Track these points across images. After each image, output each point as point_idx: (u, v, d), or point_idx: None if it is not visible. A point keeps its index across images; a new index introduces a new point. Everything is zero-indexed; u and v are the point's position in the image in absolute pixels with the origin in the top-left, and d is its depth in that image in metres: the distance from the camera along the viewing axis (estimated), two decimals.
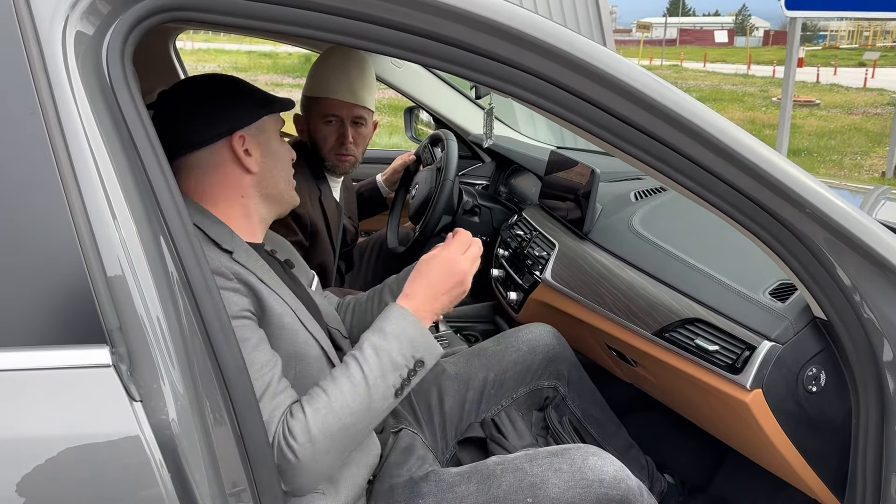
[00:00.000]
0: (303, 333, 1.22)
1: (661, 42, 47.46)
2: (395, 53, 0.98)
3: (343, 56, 2.00)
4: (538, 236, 2.06)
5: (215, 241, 1.18)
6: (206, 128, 1.21)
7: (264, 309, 1.17)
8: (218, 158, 1.22)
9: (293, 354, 1.20)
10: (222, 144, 1.22)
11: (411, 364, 1.14)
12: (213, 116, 1.22)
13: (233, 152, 1.22)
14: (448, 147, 2.27)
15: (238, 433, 0.93)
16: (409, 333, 1.15)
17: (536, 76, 0.99)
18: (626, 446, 1.74)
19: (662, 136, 1.03)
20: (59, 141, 0.83)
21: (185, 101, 1.24)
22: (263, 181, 1.27)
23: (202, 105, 1.22)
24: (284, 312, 1.20)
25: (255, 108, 1.26)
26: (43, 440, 0.80)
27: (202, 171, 1.22)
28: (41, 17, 0.84)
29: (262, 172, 1.26)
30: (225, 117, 1.22)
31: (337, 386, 1.11)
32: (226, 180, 1.23)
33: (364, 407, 1.11)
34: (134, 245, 0.84)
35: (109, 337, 0.82)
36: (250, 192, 1.26)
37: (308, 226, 1.98)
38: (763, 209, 1.08)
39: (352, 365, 1.13)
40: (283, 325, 1.19)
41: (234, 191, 1.24)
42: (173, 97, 1.25)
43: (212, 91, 1.24)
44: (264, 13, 0.92)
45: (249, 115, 1.24)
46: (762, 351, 1.29)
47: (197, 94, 1.24)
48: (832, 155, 10.19)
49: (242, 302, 1.13)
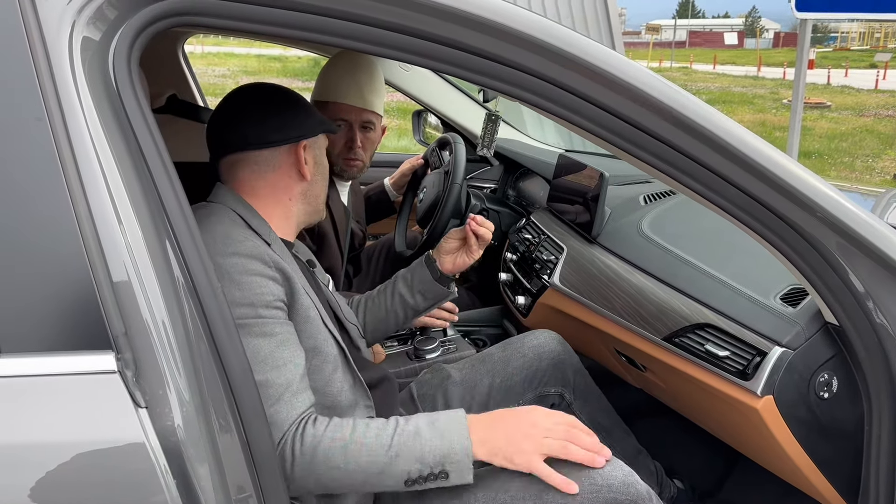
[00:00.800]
0: (324, 331, 1.27)
1: (671, 44, 47.36)
2: (403, 58, 0.97)
3: (352, 60, 2.00)
4: (546, 240, 2.06)
5: (256, 230, 1.26)
6: (277, 131, 1.31)
7: (294, 300, 1.24)
8: (279, 160, 1.32)
9: (312, 348, 1.25)
10: (288, 149, 1.32)
11: (436, 469, 1.12)
12: (287, 122, 1.32)
13: (295, 157, 1.33)
14: (456, 150, 2.27)
15: (244, 439, 0.93)
16: (454, 442, 1.13)
17: (543, 79, 0.99)
18: (635, 452, 1.73)
19: (671, 140, 1.02)
20: (66, 146, 0.83)
21: (256, 102, 1.33)
22: (310, 190, 1.37)
23: (274, 109, 1.33)
24: (310, 306, 1.26)
25: (317, 123, 1.37)
26: (49, 446, 0.80)
27: (260, 169, 1.31)
28: (48, 23, 0.84)
29: (312, 182, 1.36)
30: (295, 125, 1.33)
31: (365, 432, 1.13)
32: (280, 181, 1.33)
33: (373, 467, 1.12)
34: (140, 250, 0.84)
35: (115, 343, 0.82)
36: (297, 197, 1.36)
37: (315, 229, 1.98)
38: (774, 213, 1.07)
39: (390, 426, 1.15)
40: (309, 318, 1.25)
41: (284, 193, 1.34)
42: (243, 96, 1.35)
43: (282, 100, 1.35)
44: (270, 17, 0.92)
45: (313, 129, 1.36)
46: (773, 356, 1.28)
47: (269, 99, 1.34)
48: (843, 157, 10.14)
49: (278, 291, 1.20)
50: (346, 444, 1.12)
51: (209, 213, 1.26)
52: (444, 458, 1.12)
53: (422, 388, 1.64)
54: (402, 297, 1.63)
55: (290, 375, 1.15)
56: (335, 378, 1.27)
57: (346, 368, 1.30)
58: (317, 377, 1.25)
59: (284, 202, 1.34)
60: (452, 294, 1.66)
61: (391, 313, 1.64)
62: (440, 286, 1.62)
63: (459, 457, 1.12)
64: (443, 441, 1.13)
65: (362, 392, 1.32)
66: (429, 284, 1.62)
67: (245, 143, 1.30)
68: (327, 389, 1.26)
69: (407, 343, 2.04)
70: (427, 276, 1.62)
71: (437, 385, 1.62)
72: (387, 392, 1.43)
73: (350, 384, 1.30)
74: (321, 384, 1.26)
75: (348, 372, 1.31)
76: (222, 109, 1.34)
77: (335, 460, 1.11)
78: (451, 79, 2.76)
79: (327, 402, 1.26)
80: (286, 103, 1.34)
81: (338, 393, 1.27)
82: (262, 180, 1.31)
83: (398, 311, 1.64)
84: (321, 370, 1.26)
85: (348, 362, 1.31)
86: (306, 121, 1.35)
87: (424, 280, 1.62)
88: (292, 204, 1.35)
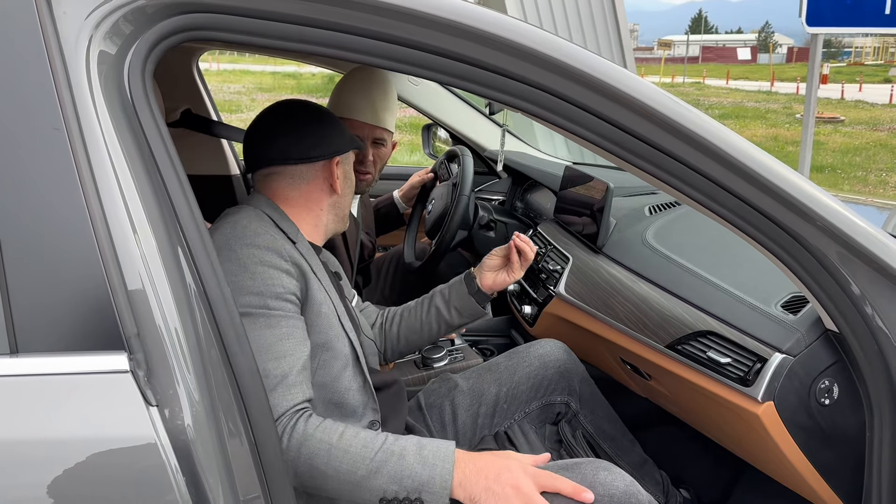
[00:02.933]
0: (337, 328, 1.31)
1: (683, 59, 47.33)
2: (413, 71, 0.99)
3: (366, 78, 2.04)
4: (553, 250, 2.08)
5: (284, 230, 1.32)
6: (315, 147, 1.39)
7: (308, 295, 1.28)
8: (313, 174, 1.40)
9: (322, 343, 1.29)
10: (323, 164, 1.40)
11: (412, 496, 1.12)
12: (324, 139, 1.40)
13: (329, 172, 1.41)
14: (464, 163, 2.30)
15: (252, 440, 0.95)
16: (435, 474, 1.13)
17: (551, 93, 1.00)
18: (641, 461, 1.74)
19: (674, 152, 1.04)
20: (82, 156, 0.86)
21: (294, 119, 1.41)
22: (339, 202, 1.46)
23: (311, 127, 1.40)
24: (325, 302, 1.30)
25: (350, 140, 1.46)
26: (64, 442, 0.82)
27: (296, 181, 1.39)
28: (66, 37, 0.88)
29: (342, 195, 1.45)
30: (331, 142, 1.41)
31: (352, 441, 1.15)
32: (313, 193, 1.41)
33: (351, 476, 1.13)
34: (153, 256, 0.87)
35: (127, 343, 0.84)
36: (327, 208, 1.44)
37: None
38: (775, 223, 1.08)
39: (378, 440, 1.15)
40: (321, 313, 1.29)
41: (316, 204, 1.42)
42: (281, 112, 1.42)
43: (319, 118, 1.42)
44: (282, 32, 0.95)
45: (346, 146, 1.45)
46: (774, 363, 1.29)
47: (306, 117, 1.42)
48: (857, 171, 10.09)
49: (289, 284, 1.24)
50: (332, 447, 1.13)
51: (239, 210, 1.32)
52: (421, 487, 1.12)
53: (429, 396, 1.65)
54: (437, 310, 1.65)
55: (288, 367, 1.17)
56: (344, 375, 1.29)
57: (357, 369, 1.33)
58: (324, 372, 1.28)
59: (316, 212, 1.42)
60: (486, 315, 1.66)
61: (426, 325, 1.66)
62: (475, 304, 1.63)
63: (437, 489, 1.12)
64: (424, 469, 1.12)
65: (370, 396, 1.34)
66: (465, 300, 1.62)
67: (284, 158, 1.37)
68: (335, 385, 1.28)
69: (415, 352, 2.06)
70: (464, 292, 1.63)
71: (444, 394, 1.64)
72: (396, 397, 1.45)
73: (359, 385, 1.32)
74: (329, 379, 1.28)
75: (359, 373, 1.33)
76: (260, 124, 1.41)
77: (317, 461, 1.13)
78: (460, 92, 2.79)
79: (335, 398, 1.29)
80: (321, 121, 1.42)
81: (345, 391, 1.29)
82: (296, 191, 1.39)
83: (433, 324, 1.66)
84: (330, 366, 1.29)
85: (359, 363, 1.33)
86: (340, 138, 1.43)
87: (461, 295, 1.63)
88: (322, 214, 1.43)
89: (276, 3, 0.94)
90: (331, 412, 1.29)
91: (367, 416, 1.33)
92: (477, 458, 1.18)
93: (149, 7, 0.91)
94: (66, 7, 0.89)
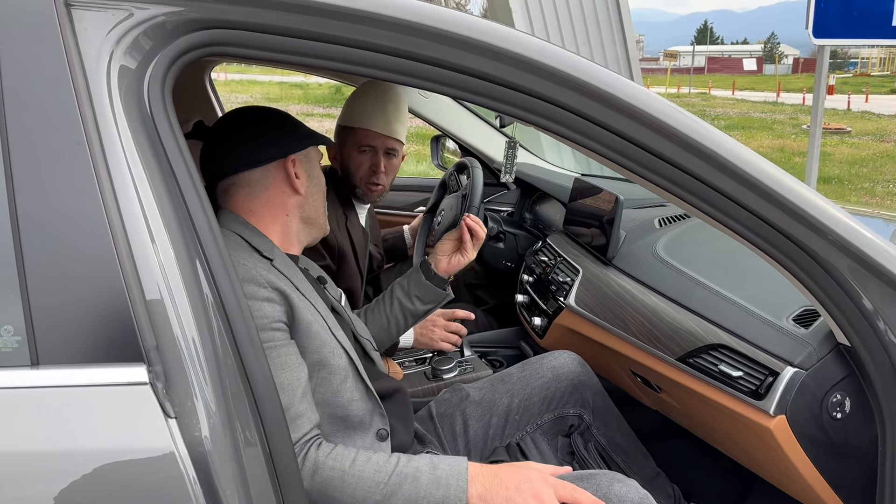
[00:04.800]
0: (330, 343, 1.28)
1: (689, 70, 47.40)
2: (424, 85, 1.01)
3: (380, 90, 2.07)
4: (562, 262, 2.08)
5: (257, 248, 1.28)
6: (263, 150, 1.33)
7: (295, 317, 1.25)
8: (270, 178, 1.34)
9: (317, 362, 1.26)
10: (276, 165, 1.34)
11: None
12: (270, 140, 1.34)
13: (285, 173, 1.34)
14: (473, 174, 2.30)
15: (267, 451, 0.95)
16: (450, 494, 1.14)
17: (560, 106, 1.01)
18: (653, 474, 1.74)
19: (685, 165, 1.05)
20: (103, 169, 0.87)
21: (242, 126, 1.36)
22: (306, 203, 1.38)
23: (260, 130, 1.35)
24: (314, 321, 1.26)
25: (304, 137, 1.38)
26: (83, 454, 0.83)
27: (253, 189, 1.33)
28: (88, 53, 0.89)
29: (307, 195, 1.38)
30: (280, 142, 1.35)
31: (365, 466, 1.15)
32: (274, 198, 1.34)
33: (367, 501, 1.13)
34: (172, 269, 0.88)
35: (147, 356, 0.85)
36: (294, 211, 1.37)
37: (336, 250, 2.03)
38: (785, 236, 1.09)
39: (391, 463, 1.16)
40: (311, 333, 1.26)
41: (280, 209, 1.35)
42: (230, 122, 1.37)
43: (266, 120, 1.37)
44: (297, 48, 0.96)
45: (300, 143, 1.37)
46: (785, 377, 1.29)
47: (254, 121, 1.37)
48: (864, 183, 10.06)
49: (275, 312, 1.21)
50: (344, 473, 1.14)
51: None
52: None
53: (441, 406, 1.65)
54: (400, 302, 1.68)
55: (289, 399, 1.16)
56: (344, 389, 1.28)
57: (357, 379, 1.31)
58: (324, 389, 1.27)
59: (282, 218, 1.35)
60: (448, 296, 1.70)
61: (392, 319, 1.69)
62: (435, 288, 1.66)
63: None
64: (438, 489, 1.13)
65: (375, 402, 1.33)
66: (424, 287, 1.67)
67: (235, 166, 1.32)
68: (336, 400, 1.27)
69: (424, 363, 2.06)
70: (421, 279, 1.67)
71: (455, 404, 1.64)
72: (400, 403, 1.45)
73: (361, 394, 1.31)
74: (329, 395, 1.27)
75: (359, 382, 1.31)
76: (211, 137, 1.36)
77: (330, 489, 1.13)
78: (469, 105, 2.81)
79: (338, 412, 1.28)
80: (269, 122, 1.36)
81: (348, 403, 1.28)
82: (257, 200, 1.33)
83: (398, 317, 1.68)
84: (328, 382, 1.27)
85: (358, 373, 1.31)
86: (292, 136, 1.36)
87: (419, 283, 1.67)
88: (290, 220, 1.37)
89: (293, 20, 0.95)
90: (336, 426, 1.28)
91: (375, 424, 1.32)
92: (497, 469, 1.18)
93: (169, 23, 0.93)
94: (88, 23, 0.90)
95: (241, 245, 1.27)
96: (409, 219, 3.05)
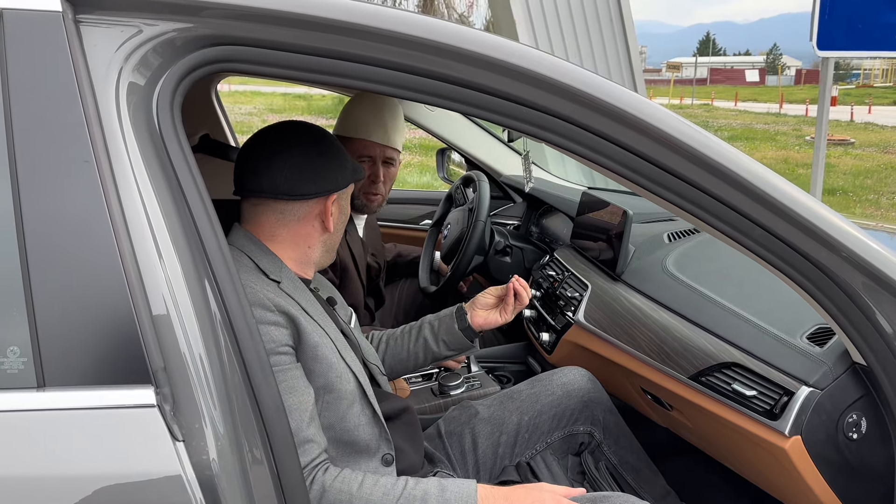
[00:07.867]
0: (338, 367, 1.26)
1: (692, 81, 47.50)
2: (430, 101, 1.00)
3: (376, 99, 2.05)
4: (570, 277, 2.06)
5: (264, 270, 1.24)
6: (310, 184, 1.26)
7: (302, 340, 1.22)
8: (306, 211, 1.29)
9: (324, 386, 1.24)
10: (317, 201, 1.28)
11: None
12: (320, 175, 1.27)
13: (323, 209, 1.29)
14: (480, 188, 2.30)
15: (275, 472, 0.94)
16: None
17: (567, 121, 1.00)
18: (663, 493, 1.71)
19: (694, 179, 1.04)
20: (111, 187, 0.86)
21: (290, 146, 1.27)
22: (331, 238, 1.36)
23: (308, 159, 1.27)
24: (321, 344, 1.24)
25: (349, 174, 1.33)
26: (90, 478, 0.82)
27: (285, 217, 1.28)
28: (97, 70, 0.89)
29: (335, 231, 1.34)
30: (329, 178, 1.28)
31: (372, 490, 1.14)
32: (302, 230, 1.30)
33: None
34: (179, 287, 0.87)
35: (154, 377, 0.84)
36: (317, 245, 1.34)
37: (338, 264, 2.02)
38: (798, 253, 1.07)
39: (399, 486, 1.15)
40: (318, 356, 1.23)
41: (304, 241, 1.31)
42: (276, 140, 1.28)
43: (316, 145, 1.28)
44: (304, 64, 0.96)
45: (345, 180, 1.32)
46: (800, 396, 1.27)
47: (304, 146, 1.27)
48: (868, 194, 10.04)
49: (280, 336, 1.18)
50: (352, 497, 1.13)
51: None
52: None
53: (449, 424, 1.63)
54: (425, 341, 1.63)
55: (296, 424, 1.15)
56: (350, 414, 1.27)
57: (364, 403, 1.29)
58: (329, 413, 1.25)
59: (303, 248, 1.32)
60: (475, 349, 1.65)
61: (412, 355, 1.65)
62: (465, 339, 1.62)
63: None
64: None
65: (382, 427, 1.32)
66: (454, 335, 1.61)
67: (274, 192, 1.25)
68: (343, 424, 1.26)
69: (431, 379, 2.04)
70: (453, 327, 1.61)
71: (464, 422, 1.62)
72: (408, 423, 1.43)
73: (368, 419, 1.30)
74: (335, 419, 1.25)
75: (367, 407, 1.30)
76: (252, 149, 1.29)
77: None
78: (475, 118, 2.81)
79: (344, 437, 1.26)
80: (320, 152, 1.28)
81: (354, 428, 1.27)
82: (284, 228, 1.28)
83: (419, 354, 1.64)
84: (335, 407, 1.25)
85: (366, 397, 1.30)
86: (340, 173, 1.30)
87: (450, 330, 1.61)
88: (311, 251, 1.33)
89: (302, 36, 0.94)
90: (342, 450, 1.27)
91: (382, 449, 1.31)
92: (509, 492, 1.17)
93: (177, 40, 0.92)
94: (97, 40, 0.90)
95: (247, 266, 1.24)
96: (415, 232, 3.04)
